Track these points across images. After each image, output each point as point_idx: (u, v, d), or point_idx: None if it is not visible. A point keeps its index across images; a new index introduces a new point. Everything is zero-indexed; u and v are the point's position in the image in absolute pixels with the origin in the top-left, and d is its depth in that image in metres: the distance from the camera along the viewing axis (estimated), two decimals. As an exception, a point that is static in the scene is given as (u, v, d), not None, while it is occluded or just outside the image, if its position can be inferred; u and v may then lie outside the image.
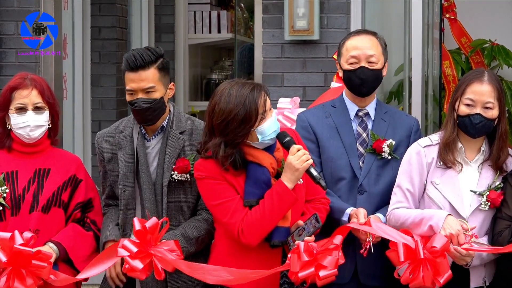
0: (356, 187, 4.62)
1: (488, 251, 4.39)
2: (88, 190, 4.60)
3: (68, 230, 4.53)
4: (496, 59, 7.92)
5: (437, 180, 4.52)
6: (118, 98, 7.98)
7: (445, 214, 4.39)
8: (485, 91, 4.46)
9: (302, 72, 6.30)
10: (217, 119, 4.16)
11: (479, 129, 4.47)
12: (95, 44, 7.81)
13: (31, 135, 4.50)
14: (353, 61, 4.63)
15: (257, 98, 4.16)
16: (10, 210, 4.46)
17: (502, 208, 4.46)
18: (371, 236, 4.37)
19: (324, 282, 4.17)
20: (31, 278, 4.30)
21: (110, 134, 4.62)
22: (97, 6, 7.82)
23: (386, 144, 4.62)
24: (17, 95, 4.49)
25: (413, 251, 4.30)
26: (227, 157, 4.17)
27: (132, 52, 4.47)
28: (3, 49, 6.63)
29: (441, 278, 4.29)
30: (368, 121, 4.72)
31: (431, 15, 6.57)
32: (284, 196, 4.16)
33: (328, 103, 4.82)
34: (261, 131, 4.19)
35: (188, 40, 9.02)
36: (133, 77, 4.43)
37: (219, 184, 4.21)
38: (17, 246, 4.27)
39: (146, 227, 4.23)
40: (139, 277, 4.26)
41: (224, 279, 4.22)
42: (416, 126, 4.79)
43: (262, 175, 4.22)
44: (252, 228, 4.16)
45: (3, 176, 4.48)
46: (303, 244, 4.11)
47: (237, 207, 4.19)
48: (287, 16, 6.34)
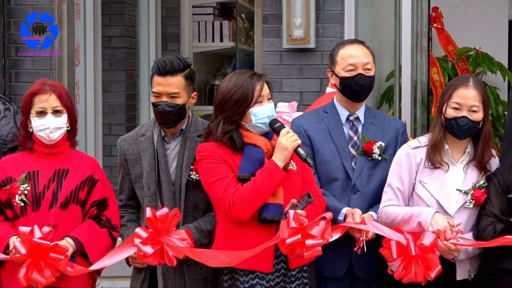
0: (350, 187, 4.62)
1: (473, 245, 4.40)
2: (104, 190, 4.61)
3: (84, 226, 4.54)
4: (480, 66, 7.94)
5: (425, 180, 4.52)
6: (127, 103, 7.98)
7: (432, 212, 4.40)
8: (471, 95, 4.47)
9: (299, 78, 6.31)
10: (218, 98, 4.32)
11: (465, 131, 4.48)
12: (106, 53, 7.81)
13: (51, 137, 4.52)
14: (350, 69, 4.62)
15: (255, 83, 4.29)
16: (31, 206, 4.47)
17: (486, 206, 4.46)
18: (365, 235, 4.39)
19: (311, 255, 4.18)
20: (49, 270, 4.32)
21: (133, 138, 4.64)
22: (108, 17, 7.82)
23: (376, 146, 4.62)
24: (37, 100, 4.51)
25: (405, 248, 4.31)
26: (224, 133, 4.27)
27: (163, 58, 4.50)
28: (20, 57, 6.64)
29: (432, 273, 4.31)
30: (358, 125, 4.71)
31: (420, 24, 6.57)
32: (274, 172, 4.21)
33: (320, 109, 4.83)
34: (255, 113, 4.28)
35: (192, 48, 9.02)
36: (161, 81, 4.46)
37: (216, 163, 4.27)
38: (36, 239, 4.30)
39: (156, 215, 4.27)
40: (151, 263, 4.30)
41: (223, 261, 4.28)
42: (402, 128, 4.79)
43: (256, 153, 4.29)
44: (242, 200, 4.19)
45: (25, 175, 4.49)
46: (293, 213, 4.15)
47: (230, 183, 4.24)
48: (285, 26, 6.34)
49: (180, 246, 4.28)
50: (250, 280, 4.30)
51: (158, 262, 4.30)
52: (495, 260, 4.43)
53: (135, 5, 8.22)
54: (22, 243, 4.32)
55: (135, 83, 8.19)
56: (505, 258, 4.39)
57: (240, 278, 4.31)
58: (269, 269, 4.30)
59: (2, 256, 4.39)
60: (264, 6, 6.41)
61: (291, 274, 4.36)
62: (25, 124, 4.54)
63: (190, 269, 4.48)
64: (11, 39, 6.66)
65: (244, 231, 4.28)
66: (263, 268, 4.29)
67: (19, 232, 4.36)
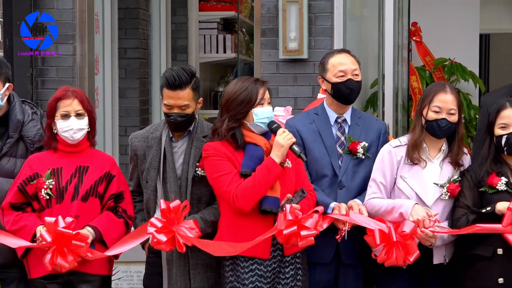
0: (337, 183, 4.62)
1: (449, 233, 4.41)
2: (120, 184, 4.63)
3: (103, 217, 4.55)
4: (454, 74, 7.92)
5: (406, 175, 4.53)
6: (141, 107, 7.98)
7: (412, 203, 4.41)
8: (449, 99, 4.48)
9: (294, 85, 6.30)
10: (224, 99, 4.34)
11: (444, 131, 4.49)
12: (122, 63, 7.80)
13: (74, 137, 4.54)
14: (341, 75, 4.62)
15: (258, 87, 4.32)
16: (55, 199, 4.49)
17: (460, 198, 4.47)
18: (347, 225, 4.39)
19: (304, 244, 4.21)
20: (71, 255, 4.36)
21: (143, 135, 4.64)
22: (123, 31, 7.81)
23: (360, 146, 4.63)
24: (61, 104, 4.53)
25: (387, 235, 4.32)
26: (228, 129, 4.29)
27: (172, 73, 4.43)
28: (45, 66, 6.63)
29: (411, 257, 4.33)
30: (345, 126, 4.71)
31: (401, 38, 6.57)
32: (272, 168, 4.23)
33: (311, 111, 4.82)
34: (257, 113, 4.30)
35: (199, 59, 8.99)
36: (171, 95, 4.43)
37: (221, 160, 4.28)
38: (60, 228, 4.31)
39: (170, 207, 4.30)
40: (164, 249, 4.33)
41: (227, 251, 4.30)
42: (384, 129, 4.79)
43: (257, 152, 4.30)
44: (245, 193, 4.21)
45: (50, 171, 4.51)
46: (289, 207, 4.17)
47: (234, 178, 4.25)
48: (281, 39, 6.33)
49: (189, 236, 4.29)
50: (249, 265, 4.32)
51: (170, 249, 4.32)
52: (467, 247, 4.44)
53: (148, 21, 8.22)
54: (47, 232, 4.34)
55: (147, 89, 8.18)
56: (476, 245, 4.40)
57: (241, 263, 4.32)
58: (267, 256, 4.32)
59: (30, 244, 4.41)
60: (262, 21, 6.41)
61: (286, 260, 4.37)
62: (50, 126, 4.56)
63: (194, 255, 4.47)
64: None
65: (246, 221, 4.30)
66: (262, 255, 4.31)
67: (45, 222, 4.38)
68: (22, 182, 4.51)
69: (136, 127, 7.63)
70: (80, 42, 6.61)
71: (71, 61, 6.60)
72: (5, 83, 4.68)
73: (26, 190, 4.50)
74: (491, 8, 8.79)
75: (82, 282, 4.52)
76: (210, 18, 9.14)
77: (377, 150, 4.65)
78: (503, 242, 4.30)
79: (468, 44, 8.13)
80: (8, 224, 4.48)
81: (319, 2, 6.32)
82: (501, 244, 4.32)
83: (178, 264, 4.48)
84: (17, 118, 4.72)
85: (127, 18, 7.88)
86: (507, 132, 4.42)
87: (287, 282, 4.36)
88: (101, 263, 4.56)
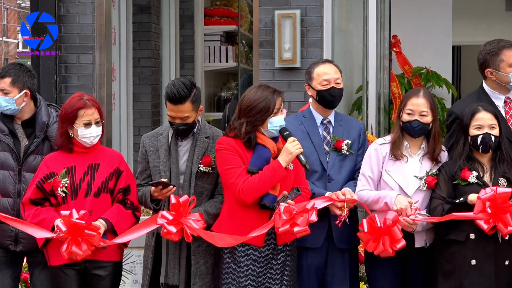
0: (326, 177, 4.60)
1: (428, 220, 4.39)
2: (128, 178, 4.58)
3: (113, 209, 4.51)
4: (430, 81, 7.94)
5: (390, 169, 4.51)
6: (153, 110, 7.96)
7: (396, 194, 4.40)
8: (421, 103, 4.47)
9: (288, 91, 6.27)
10: (245, 104, 4.25)
11: (417, 131, 4.48)
12: (136, 71, 7.78)
13: (93, 142, 4.51)
14: (325, 83, 4.60)
15: (276, 98, 4.27)
16: (70, 196, 4.44)
17: (436, 190, 4.45)
18: (345, 211, 4.35)
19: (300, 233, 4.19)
20: (85, 244, 4.32)
21: (153, 135, 4.61)
22: (137, 42, 7.80)
23: (345, 144, 4.62)
24: (83, 113, 4.46)
25: (373, 225, 4.29)
26: (246, 133, 4.23)
27: (172, 89, 4.37)
28: (68, 74, 6.62)
29: (398, 245, 4.30)
30: (330, 127, 4.69)
31: (383, 49, 6.57)
32: (277, 170, 4.21)
33: (299, 114, 4.81)
34: (272, 121, 4.26)
35: (204, 67, 8.98)
36: (173, 108, 4.40)
37: (232, 155, 4.25)
38: (74, 219, 4.28)
39: (179, 201, 4.26)
40: (173, 239, 4.30)
41: (229, 242, 4.28)
42: (363, 128, 4.80)
43: (265, 153, 4.26)
44: (250, 188, 4.18)
45: (65, 170, 4.46)
46: (283, 207, 4.15)
47: (242, 173, 4.22)
48: (276, 50, 6.32)
49: (195, 228, 4.27)
50: (246, 250, 4.31)
51: (178, 238, 4.29)
52: (443, 233, 4.42)
53: (159, 34, 8.21)
54: (63, 223, 4.30)
55: (158, 94, 8.16)
56: (451, 231, 4.39)
57: (238, 248, 4.31)
58: (260, 244, 4.31)
59: (49, 235, 4.38)
60: (260, 34, 6.40)
61: (278, 248, 4.36)
62: (66, 130, 4.49)
63: (195, 241, 4.42)
64: (61, 60, 6.63)
65: (246, 212, 4.27)
66: (257, 243, 4.30)
67: (61, 215, 4.35)
68: (40, 180, 4.45)
69: (148, 127, 7.61)
70: (99, 52, 6.60)
71: (91, 69, 6.60)
72: (22, 90, 4.63)
73: (44, 187, 4.45)
74: (463, 23, 8.81)
75: (96, 268, 4.48)
76: (214, 31, 9.14)
77: (358, 147, 4.66)
78: (475, 228, 4.28)
79: (442, 55, 8.16)
80: (28, 217, 4.44)
81: (310, 17, 6.32)
82: (473, 229, 4.30)
83: (178, 250, 4.45)
84: (42, 120, 4.69)
85: (141, 31, 7.87)
86: (482, 132, 4.40)
87: (278, 268, 4.34)
88: (113, 251, 4.52)
